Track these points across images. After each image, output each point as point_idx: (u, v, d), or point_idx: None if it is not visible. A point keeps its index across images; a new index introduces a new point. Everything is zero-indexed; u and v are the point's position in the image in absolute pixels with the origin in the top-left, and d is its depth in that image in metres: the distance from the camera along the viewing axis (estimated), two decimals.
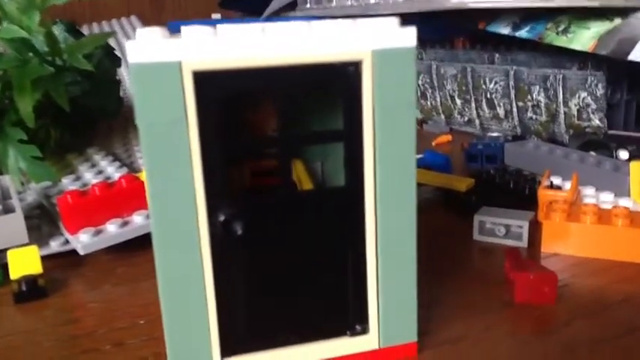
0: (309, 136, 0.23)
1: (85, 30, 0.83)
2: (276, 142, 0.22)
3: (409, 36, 0.22)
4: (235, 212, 0.22)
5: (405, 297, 0.25)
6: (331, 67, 0.22)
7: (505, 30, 0.52)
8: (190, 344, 0.23)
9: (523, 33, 0.50)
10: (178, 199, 0.21)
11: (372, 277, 0.24)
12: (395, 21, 0.22)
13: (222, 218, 0.22)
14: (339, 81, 0.22)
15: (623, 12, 0.47)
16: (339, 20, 0.22)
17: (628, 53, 0.44)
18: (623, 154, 0.49)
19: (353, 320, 0.25)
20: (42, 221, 0.40)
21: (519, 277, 0.29)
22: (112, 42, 0.60)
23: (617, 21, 0.47)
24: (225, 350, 0.23)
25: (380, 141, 0.23)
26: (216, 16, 0.89)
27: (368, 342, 0.25)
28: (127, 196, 0.38)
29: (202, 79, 0.21)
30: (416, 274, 0.25)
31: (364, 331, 0.25)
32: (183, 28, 0.21)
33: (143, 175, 0.40)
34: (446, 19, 0.58)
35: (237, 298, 0.23)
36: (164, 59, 0.20)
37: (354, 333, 0.25)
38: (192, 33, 0.21)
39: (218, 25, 0.22)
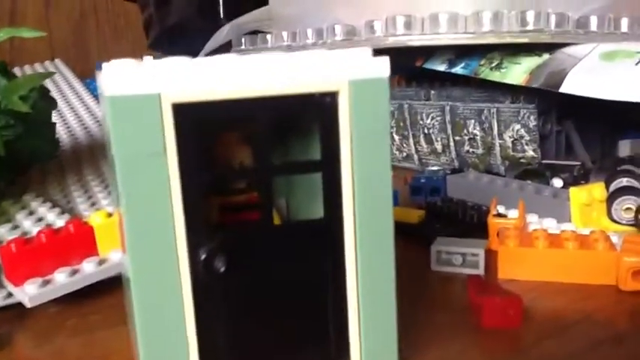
0: (288, 167, 0.23)
1: None
2: (256, 172, 0.22)
3: (383, 66, 0.23)
4: (216, 248, 0.22)
5: (385, 327, 0.25)
6: (309, 98, 0.22)
7: (441, 67, 0.54)
8: None
9: (459, 69, 0.53)
10: (158, 235, 0.21)
11: (353, 310, 0.24)
12: (368, 51, 0.23)
13: (203, 256, 0.21)
14: (316, 111, 0.22)
15: (550, 47, 0.50)
16: (315, 51, 0.22)
17: (558, 86, 0.46)
18: (558, 182, 0.52)
19: (335, 354, 0.24)
20: None
21: (486, 301, 0.30)
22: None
23: (546, 56, 0.50)
24: None
25: (358, 170, 0.23)
26: (148, 58, 0.88)
27: None
28: (75, 243, 0.36)
29: (182, 110, 0.20)
30: (396, 304, 0.25)
31: None
32: (159, 61, 0.21)
33: (91, 220, 0.38)
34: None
35: (219, 337, 0.22)
36: (143, 91, 0.20)
37: None
38: (170, 64, 0.21)
39: (194, 58, 0.21)
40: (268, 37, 0.67)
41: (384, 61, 0.23)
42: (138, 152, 0.20)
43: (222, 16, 0.86)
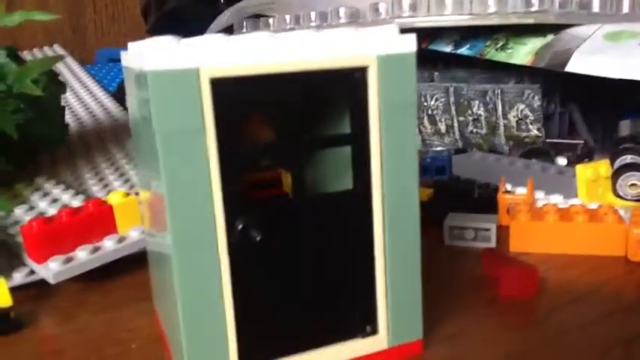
0: (320, 140, 0.24)
1: None
2: (290, 146, 0.23)
3: (410, 42, 0.23)
4: (252, 219, 0.22)
5: (411, 295, 0.26)
6: (340, 73, 0.23)
7: (447, 48, 0.54)
8: (208, 353, 0.23)
9: (464, 50, 0.53)
10: (197, 207, 0.21)
11: (381, 278, 0.25)
12: (395, 28, 0.23)
13: (240, 226, 0.22)
14: (347, 86, 0.23)
15: (555, 28, 0.50)
16: (345, 28, 0.23)
17: (564, 65, 0.47)
18: (562, 161, 0.53)
19: (363, 322, 0.25)
20: None
21: (504, 271, 0.31)
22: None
23: (550, 36, 0.50)
24: (244, 358, 0.23)
25: (386, 142, 0.24)
26: None
27: (377, 342, 0.25)
28: (95, 221, 0.36)
29: (219, 85, 0.21)
30: (420, 272, 0.26)
31: (374, 331, 0.25)
32: (195, 38, 0.22)
33: (110, 199, 0.38)
34: None
35: (254, 305, 0.23)
36: (182, 66, 0.20)
37: (365, 334, 0.25)
38: (206, 41, 0.21)
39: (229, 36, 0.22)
40: (271, 20, 0.67)
41: (411, 38, 0.23)
42: (177, 127, 0.21)
43: (222, 0, 0.86)
